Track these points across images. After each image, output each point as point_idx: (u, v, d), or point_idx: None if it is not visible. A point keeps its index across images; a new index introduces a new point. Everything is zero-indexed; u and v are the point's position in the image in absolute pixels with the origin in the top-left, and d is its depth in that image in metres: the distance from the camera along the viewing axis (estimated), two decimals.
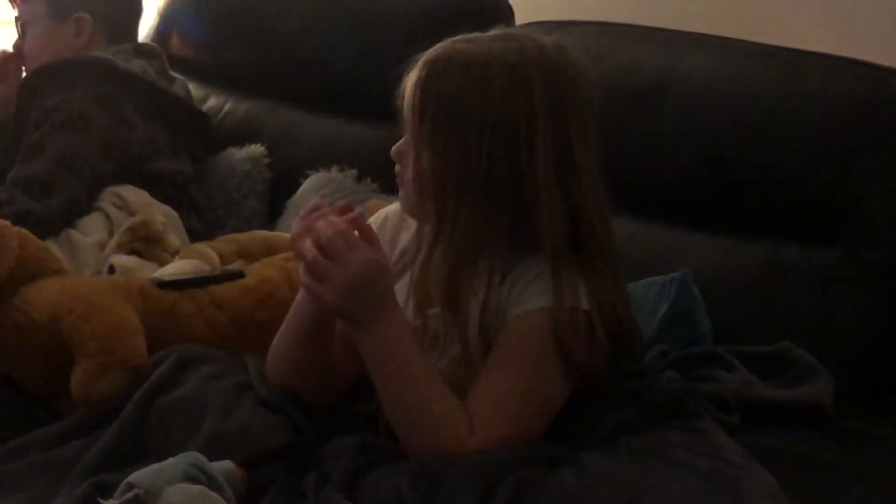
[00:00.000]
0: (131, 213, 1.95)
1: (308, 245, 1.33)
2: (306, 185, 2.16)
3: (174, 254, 1.83)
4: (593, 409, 1.40)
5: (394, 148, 1.43)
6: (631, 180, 1.82)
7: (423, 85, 1.37)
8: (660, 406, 1.40)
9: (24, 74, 2.17)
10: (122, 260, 1.78)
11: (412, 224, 1.47)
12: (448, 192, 1.36)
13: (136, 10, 2.23)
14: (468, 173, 1.35)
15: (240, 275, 1.71)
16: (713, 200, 1.78)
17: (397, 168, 1.44)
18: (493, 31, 1.43)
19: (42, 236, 1.74)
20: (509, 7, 2.20)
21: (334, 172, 2.16)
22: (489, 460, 1.27)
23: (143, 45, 2.26)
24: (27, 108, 2.03)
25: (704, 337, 1.66)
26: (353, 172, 2.14)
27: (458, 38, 1.41)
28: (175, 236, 1.88)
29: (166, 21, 2.50)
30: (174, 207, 2.04)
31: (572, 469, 1.27)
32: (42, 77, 2.05)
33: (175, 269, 1.76)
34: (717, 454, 1.31)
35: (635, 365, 1.49)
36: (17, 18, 2.17)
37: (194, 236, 2.03)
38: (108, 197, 1.98)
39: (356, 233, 1.35)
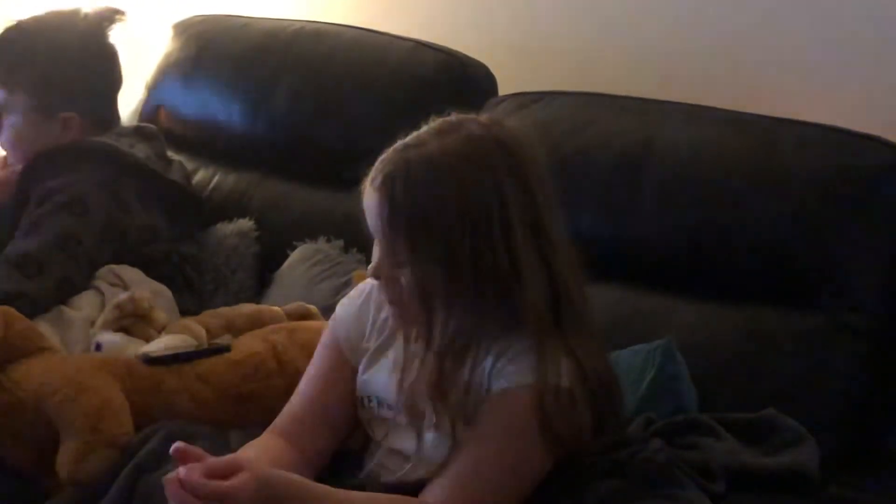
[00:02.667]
0: (126, 290, 1.96)
1: None
2: (294, 256, 2.17)
3: (161, 330, 1.83)
4: (579, 480, 1.40)
5: (370, 269, 1.41)
6: (613, 248, 1.84)
7: (389, 208, 1.35)
8: (646, 476, 1.40)
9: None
10: (108, 337, 1.78)
11: None
12: (437, 302, 1.35)
13: (116, 92, 2.23)
14: (455, 278, 1.33)
15: (226, 349, 1.72)
16: (694, 268, 1.79)
17: (379, 283, 1.42)
18: (431, 125, 1.40)
19: (33, 315, 1.75)
20: (492, 78, 2.22)
21: (321, 243, 2.16)
22: None
23: (143, 127, 2.26)
24: (29, 189, 2.04)
25: (689, 404, 1.66)
26: (340, 243, 2.15)
27: (402, 146, 1.37)
28: (163, 312, 1.88)
29: (155, 96, 2.53)
30: (168, 285, 2.04)
31: None
32: (48, 159, 2.06)
33: (162, 343, 1.76)
34: None
35: (620, 434, 1.49)
36: None
37: (186, 313, 2.03)
38: (104, 275, 1.98)
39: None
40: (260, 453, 1.45)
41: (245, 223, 2.28)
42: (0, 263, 1.93)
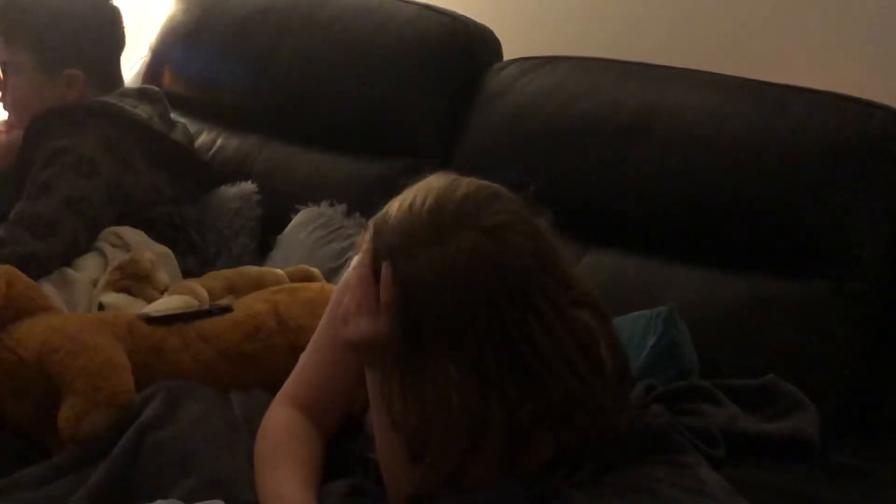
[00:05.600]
0: (128, 252, 1.96)
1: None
2: (296, 219, 2.17)
3: (163, 291, 1.83)
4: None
5: None
6: (616, 214, 1.84)
7: None
8: (645, 441, 1.40)
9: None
10: (111, 298, 1.78)
11: None
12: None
13: (120, 52, 2.23)
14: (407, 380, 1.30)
15: (228, 309, 1.72)
16: (698, 234, 1.79)
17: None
18: (424, 210, 1.28)
19: (40, 276, 1.75)
20: (497, 43, 2.21)
21: (324, 207, 2.16)
22: (478, 499, 1.28)
23: (146, 89, 2.26)
24: (33, 149, 2.03)
25: (691, 371, 1.66)
26: (343, 207, 2.14)
27: (395, 246, 1.29)
28: (165, 274, 1.88)
29: (158, 57, 2.52)
30: (171, 247, 2.04)
31: None
32: (51, 119, 2.05)
33: (164, 304, 1.76)
34: (703, 489, 1.32)
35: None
36: None
37: (188, 275, 2.03)
38: (107, 236, 1.98)
39: None
40: (290, 427, 1.46)
41: (248, 186, 2.28)
42: (11, 225, 1.93)
